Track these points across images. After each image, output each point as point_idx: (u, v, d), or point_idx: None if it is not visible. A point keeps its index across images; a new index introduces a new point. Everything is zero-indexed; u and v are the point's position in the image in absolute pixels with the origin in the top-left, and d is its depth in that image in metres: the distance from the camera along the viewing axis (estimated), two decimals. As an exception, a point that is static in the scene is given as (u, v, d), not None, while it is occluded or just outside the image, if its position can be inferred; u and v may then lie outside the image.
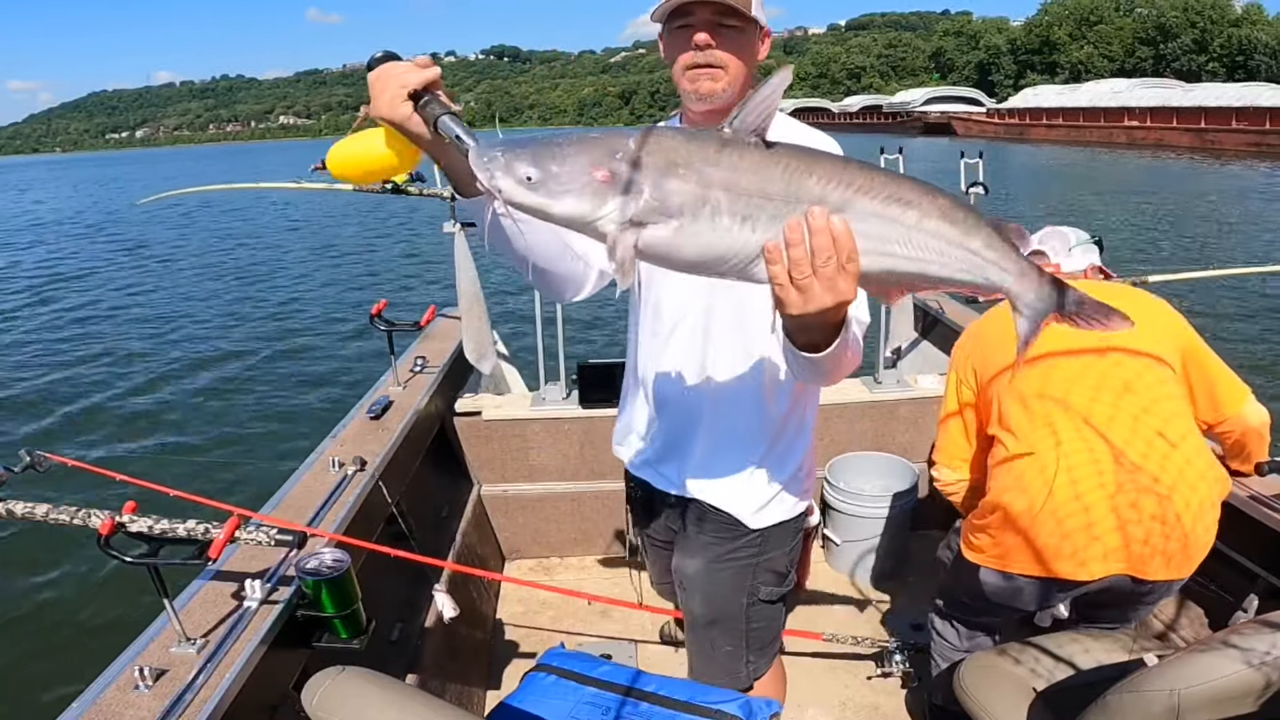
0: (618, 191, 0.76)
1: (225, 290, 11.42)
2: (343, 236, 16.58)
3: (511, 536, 2.92)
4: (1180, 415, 1.57)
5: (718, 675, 1.53)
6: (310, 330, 9.03)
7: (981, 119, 54.82)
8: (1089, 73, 66.47)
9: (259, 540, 1.39)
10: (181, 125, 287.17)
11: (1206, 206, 16.88)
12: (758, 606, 1.49)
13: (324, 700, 1.27)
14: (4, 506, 1.36)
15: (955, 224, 0.82)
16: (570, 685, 1.43)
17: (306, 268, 13.06)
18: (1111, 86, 48.14)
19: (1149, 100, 41.34)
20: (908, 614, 2.47)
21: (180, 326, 9.39)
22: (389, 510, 2.12)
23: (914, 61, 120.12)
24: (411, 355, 2.85)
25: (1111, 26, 72.62)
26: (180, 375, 7.50)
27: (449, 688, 2.03)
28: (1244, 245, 12.33)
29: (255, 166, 56.55)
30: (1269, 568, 1.76)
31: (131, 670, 1.26)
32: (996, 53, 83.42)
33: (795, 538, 1.50)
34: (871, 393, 2.90)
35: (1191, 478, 1.50)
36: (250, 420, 6.33)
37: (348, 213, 19.55)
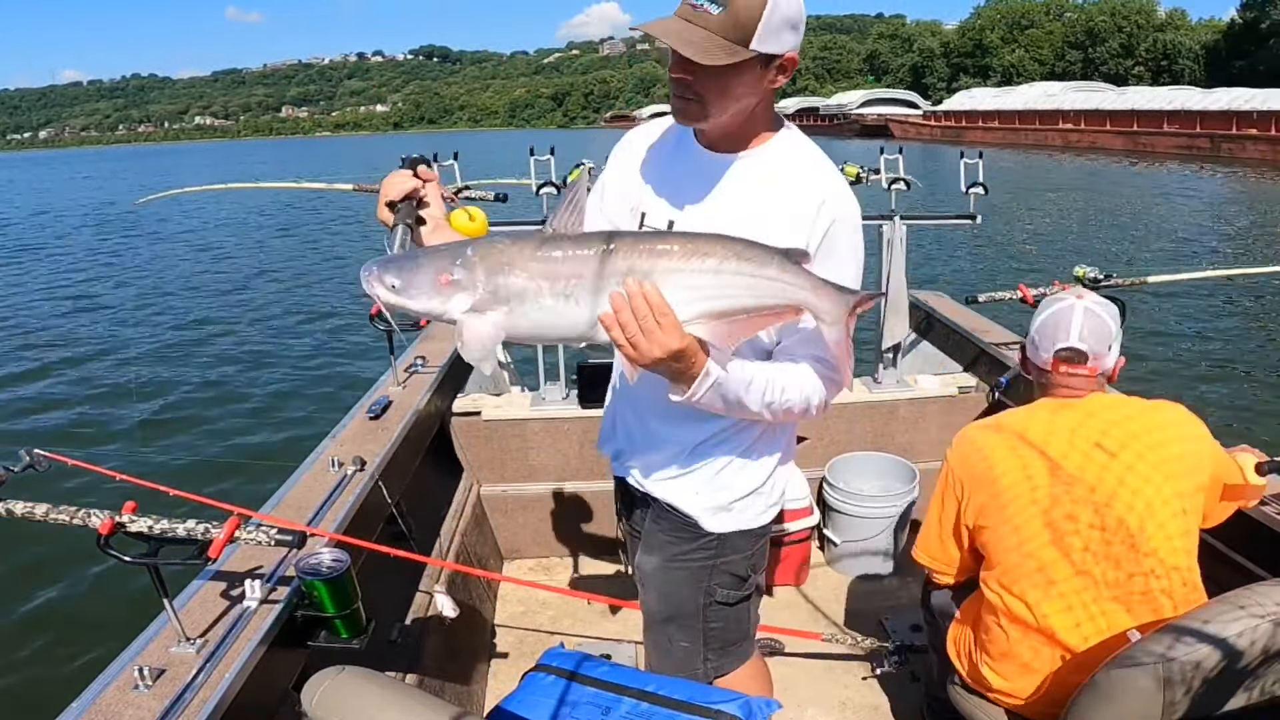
0: (458, 290, 1.01)
1: (225, 290, 11.42)
2: (342, 236, 16.58)
3: (511, 536, 2.92)
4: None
5: (673, 672, 1.53)
6: (309, 330, 9.03)
7: (918, 121, 55.24)
8: (1020, 76, 67.78)
9: (259, 540, 1.39)
10: (89, 126, 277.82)
11: (1139, 207, 17.17)
12: (715, 608, 1.48)
13: (324, 700, 1.27)
14: (3, 506, 1.36)
15: (750, 260, 1.02)
16: (570, 685, 1.43)
17: (305, 267, 13.05)
18: (1045, 89, 48.74)
19: (1082, 103, 41.98)
20: (907, 614, 2.48)
21: (179, 327, 9.39)
22: (388, 510, 2.12)
23: (849, 64, 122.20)
24: (411, 355, 2.85)
25: (1042, 30, 74.15)
26: (179, 375, 7.50)
27: (448, 687, 2.03)
28: (1185, 247, 12.50)
29: (168, 169, 55.06)
30: (1269, 567, 1.77)
31: (131, 670, 1.27)
32: (930, 55, 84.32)
33: (758, 543, 1.48)
34: (871, 393, 2.90)
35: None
36: (249, 420, 6.33)
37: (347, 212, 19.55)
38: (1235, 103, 32.47)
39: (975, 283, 9.55)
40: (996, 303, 2.94)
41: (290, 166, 47.75)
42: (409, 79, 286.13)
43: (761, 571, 1.53)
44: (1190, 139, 33.10)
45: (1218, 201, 18.81)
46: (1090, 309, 1.52)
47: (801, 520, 2.60)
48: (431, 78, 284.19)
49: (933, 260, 11.18)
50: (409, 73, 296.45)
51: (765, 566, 1.55)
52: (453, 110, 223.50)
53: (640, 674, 1.45)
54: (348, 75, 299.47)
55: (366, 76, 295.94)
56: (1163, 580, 1.42)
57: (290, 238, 16.74)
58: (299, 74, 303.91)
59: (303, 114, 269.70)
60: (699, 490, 1.40)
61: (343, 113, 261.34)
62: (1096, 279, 2.80)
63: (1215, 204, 18.34)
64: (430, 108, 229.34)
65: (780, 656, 2.40)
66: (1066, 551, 1.44)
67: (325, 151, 79.13)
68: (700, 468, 1.39)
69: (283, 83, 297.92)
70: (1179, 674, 1.17)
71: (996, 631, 1.54)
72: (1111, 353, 1.52)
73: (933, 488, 2.78)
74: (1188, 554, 1.44)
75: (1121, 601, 1.42)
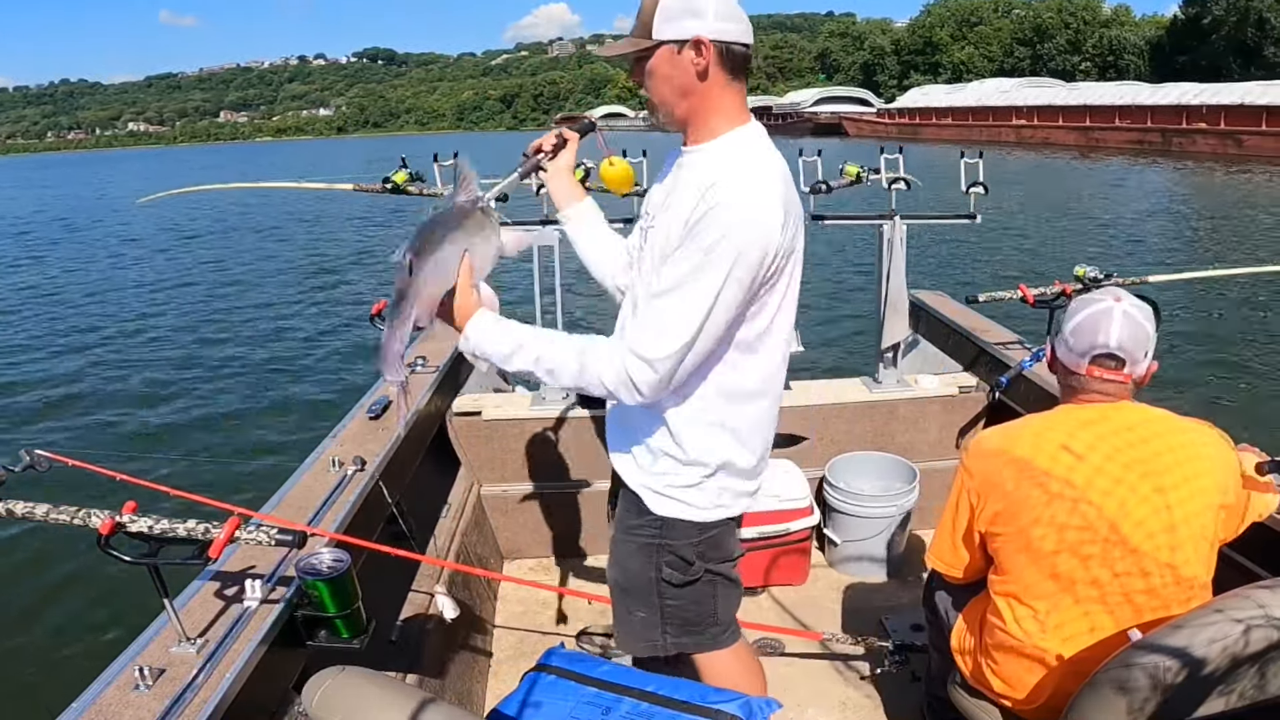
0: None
1: (225, 290, 11.42)
2: (343, 236, 16.58)
3: (511, 536, 2.92)
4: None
5: (635, 641, 1.60)
6: (310, 330, 9.04)
7: (873, 119, 55.20)
8: (970, 73, 68.28)
9: (259, 540, 1.39)
10: (15, 133, 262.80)
11: (1093, 203, 17.36)
12: (663, 585, 1.52)
13: (324, 700, 1.27)
14: (4, 506, 1.36)
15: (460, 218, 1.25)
16: (570, 685, 1.43)
17: (306, 267, 13.05)
18: (997, 85, 48.90)
19: (1035, 99, 42.11)
20: (907, 614, 2.48)
21: (180, 327, 9.39)
22: (389, 510, 2.12)
23: (800, 63, 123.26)
24: (411, 355, 2.85)
25: (991, 27, 74.93)
26: (180, 375, 7.51)
27: (449, 687, 2.03)
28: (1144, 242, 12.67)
29: (100, 176, 53.74)
30: (1269, 568, 1.77)
31: (131, 670, 1.26)
32: (881, 53, 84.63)
33: (706, 534, 1.49)
34: (871, 393, 2.90)
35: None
36: (250, 420, 6.33)
37: (347, 212, 19.54)
38: (1184, 97, 32.82)
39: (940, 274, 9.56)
40: (997, 302, 2.94)
41: (229, 172, 46.27)
42: (353, 82, 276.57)
43: (719, 563, 1.54)
44: (1142, 134, 33.39)
45: (1176, 198, 19.00)
46: (1129, 312, 1.46)
47: (801, 520, 2.60)
48: (376, 80, 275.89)
49: (917, 258, 11.19)
50: (352, 76, 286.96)
51: (728, 560, 1.56)
52: (399, 113, 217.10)
53: (641, 674, 1.45)
54: (289, 79, 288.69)
55: (308, 80, 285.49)
56: (1180, 598, 1.41)
57: (291, 238, 16.74)
58: (237, 78, 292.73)
59: (242, 119, 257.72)
60: (642, 469, 1.48)
61: (284, 117, 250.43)
62: (1097, 278, 2.79)
63: (1174, 200, 18.54)
64: (375, 111, 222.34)
65: (780, 656, 2.40)
66: (1083, 566, 1.42)
67: (268, 157, 76.86)
68: (645, 450, 1.46)
69: (220, 87, 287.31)
70: (1179, 674, 1.17)
71: (1002, 636, 1.53)
72: (1146, 358, 1.47)
73: (933, 487, 2.80)
74: (1206, 574, 1.43)
75: (1134, 617, 1.42)
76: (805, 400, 2.88)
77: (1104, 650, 1.37)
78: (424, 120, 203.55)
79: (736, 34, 1.27)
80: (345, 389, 6.60)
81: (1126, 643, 1.30)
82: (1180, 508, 1.39)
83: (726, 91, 1.31)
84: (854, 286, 9.82)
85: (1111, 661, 1.25)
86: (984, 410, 2.90)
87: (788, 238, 1.28)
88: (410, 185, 2.99)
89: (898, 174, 2.84)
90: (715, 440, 1.42)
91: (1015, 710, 1.57)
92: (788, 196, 1.30)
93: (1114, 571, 1.41)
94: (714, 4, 1.25)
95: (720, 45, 1.26)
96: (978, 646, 1.63)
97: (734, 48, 1.28)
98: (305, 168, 43.82)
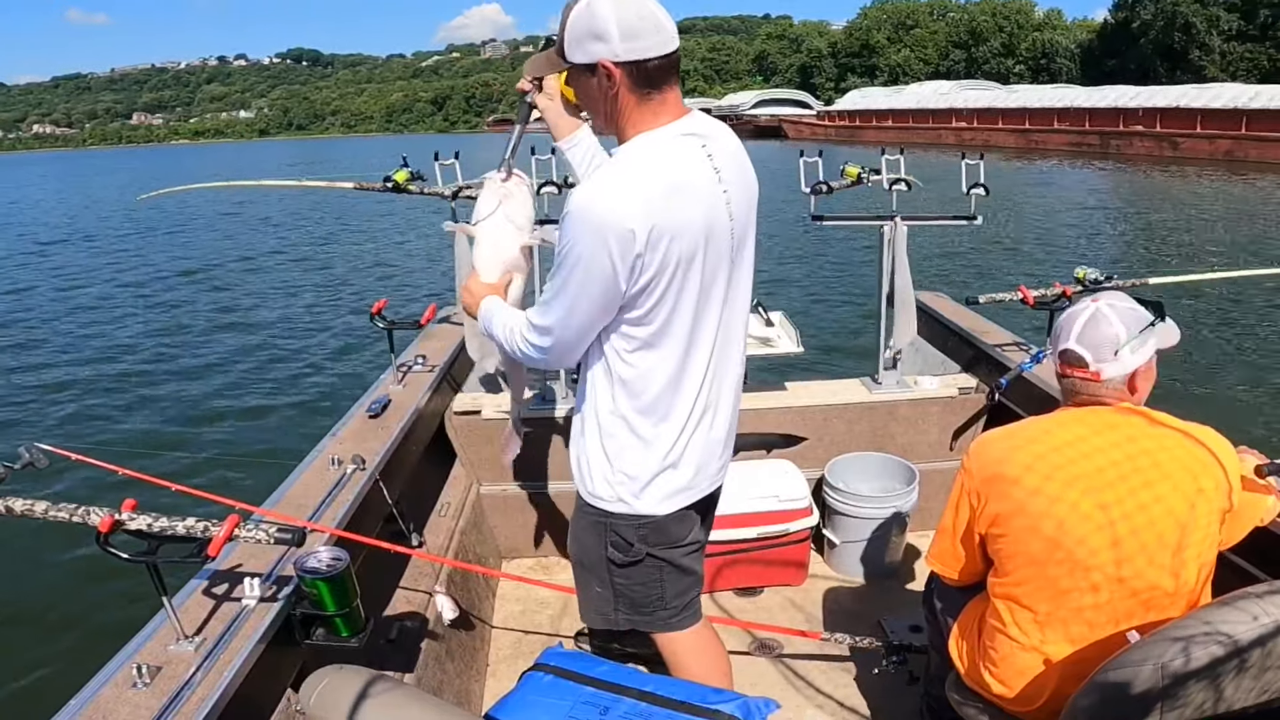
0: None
1: (226, 288, 11.42)
2: (343, 235, 16.58)
3: (510, 535, 2.92)
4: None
5: (592, 612, 1.70)
6: (310, 328, 9.04)
7: (812, 121, 55.24)
8: (907, 75, 69.17)
9: (258, 538, 1.39)
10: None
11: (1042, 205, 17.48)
12: (611, 565, 1.59)
13: (322, 698, 1.27)
14: (3, 504, 1.36)
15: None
16: (568, 685, 1.43)
17: (307, 266, 13.06)
18: (936, 88, 49.05)
19: (974, 101, 42.29)
20: (906, 614, 2.47)
21: (180, 325, 9.40)
22: (388, 509, 2.12)
23: (737, 65, 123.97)
24: (411, 354, 2.85)
25: (927, 31, 75.81)
26: (181, 374, 7.51)
27: (447, 686, 2.03)
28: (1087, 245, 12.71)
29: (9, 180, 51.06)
30: (1268, 570, 1.77)
31: (129, 667, 1.27)
32: (818, 56, 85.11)
33: (644, 522, 1.54)
34: (871, 393, 2.90)
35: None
36: (250, 418, 6.34)
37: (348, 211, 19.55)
38: (1121, 100, 33.16)
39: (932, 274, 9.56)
40: (997, 304, 2.94)
41: (143, 174, 44.97)
42: (276, 84, 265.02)
43: (664, 549, 1.58)
44: (1080, 136, 33.65)
45: (1121, 199, 19.24)
46: (1102, 311, 1.47)
47: (801, 520, 2.60)
48: (300, 82, 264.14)
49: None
50: (275, 77, 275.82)
51: (675, 546, 1.60)
52: (324, 115, 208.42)
53: (639, 674, 1.45)
54: (207, 80, 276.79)
55: (228, 81, 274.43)
56: (1178, 601, 1.41)
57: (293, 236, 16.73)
58: (152, 79, 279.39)
59: (157, 121, 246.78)
60: (581, 455, 1.57)
61: (202, 120, 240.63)
62: (1097, 280, 2.80)
63: (1123, 201, 18.73)
64: (300, 113, 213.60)
65: (779, 656, 2.40)
66: (1081, 568, 1.42)
67: (186, 160, 73.92)
68: (586, 434, 1.54)
69: (133, 88, 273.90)
70: (1178, 676, 1.17)
71: (1001, 638, 1.53)
72: (1119, 359, 1.46)
73: (932, 489, 2.80)
74: (1203, 580, 1.43)
75: (1133, 619, 1.41)
76: (804, 401, 2.88)
77: (1102, 652, 1.36)
78: (351, 123, 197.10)
79: (645, 49, 1.27)
80: (345, 387, 6.61)
81: (1125, 645, 1.30)
82: (1178, 512, 1.39)
83: (643, 108, 1.32)
84: (854, 287, 9.82)
85: (1110, 663, 1.25)
86: (984, 411, 2.90)
87: (653, 241, 1.27)
88: (411, 184, 2.99)
89: (898, 175, 2.84)
90: (630, 444, 1.48)
91: (1013, 712, 1.57)
92: (659, 205, 1.27)
93: (1113, 574, 1.41)
94: (618, 24, 1.24)
95: (628, 66, 1.27)
96: (976, 648, 1.63)
97: (647, 65, 1.27)
98: (227, 172, 43.13)
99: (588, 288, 1.31)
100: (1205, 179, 22.65)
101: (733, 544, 2.57)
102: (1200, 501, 1.40)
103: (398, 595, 2.07)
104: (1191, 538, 1.40)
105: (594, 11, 1.25)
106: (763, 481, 2.64)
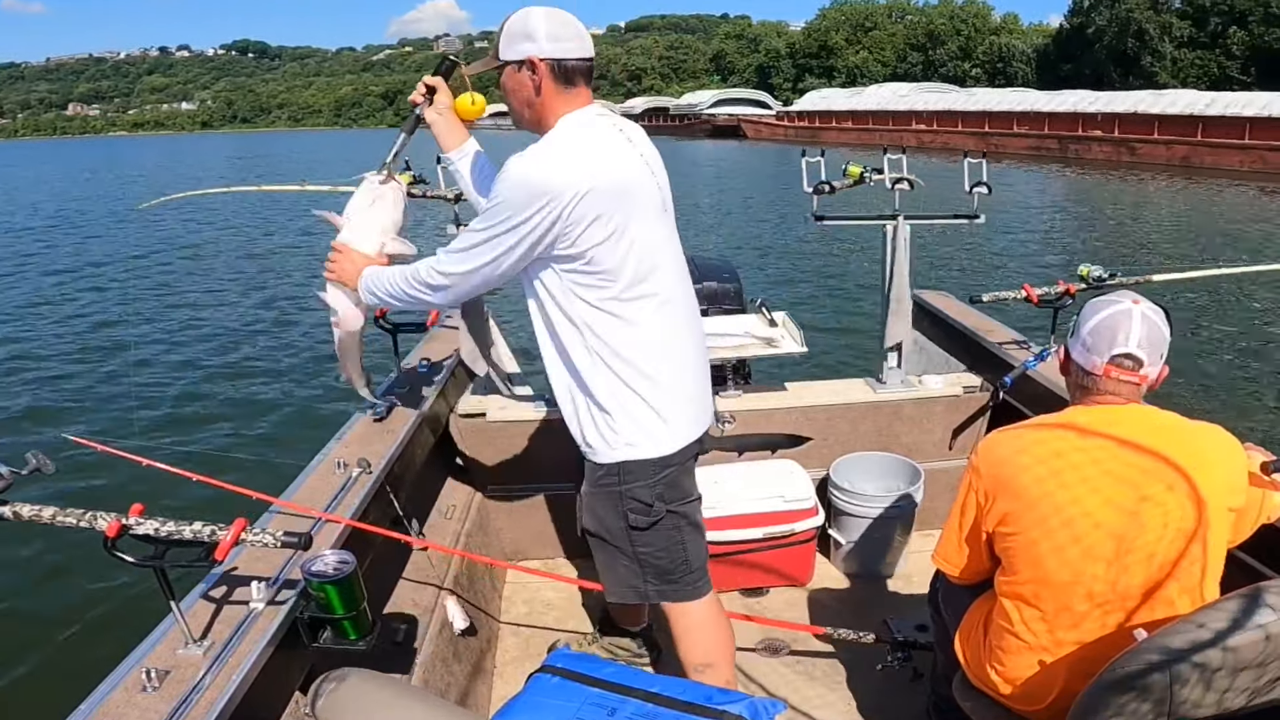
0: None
1: (228, 291, 11.43)
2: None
3: (516, 538, 2.92)
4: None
5: (620, 587, 1.78)
6: (314, 331, 9.04)
7: (771, 122, 54.89)
8: (864, 76, 69.03)
9: (265, 542, 1.39)
10: None
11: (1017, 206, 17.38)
12: (634, 533, 1.69)
13: (330, 701, 1.28)
14: (11, 509, 1.36)
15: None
16: (575, 686, 1.43)
17: (309, 268, 13.06)
18: (895, 90, 48.86)
19: (934, 104, 42.08)
20: (911, 613, 2.47)
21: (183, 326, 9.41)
22: (394, 512, 2.12)
23: (695, 64, 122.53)
24: (416, 356, 2.86)
25: (885, 33, 75.66)
26: (181, 372, 7.54)
27: (454, 688, 2.03)
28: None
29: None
30: (1276, 567, 1.76)
31: (138, 672, 1.27)
32: (776, 56, 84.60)
33: (660, 474, 1.66)
34: (875, 393, 2.90)
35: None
36: (254, 420, 6.35)
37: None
38: (1080, 105, 33.09)
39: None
40: (1001, 302, 2.93)
41: (75, 165, 43.85)
42: (220, 75, 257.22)
43: (679, 504, 1.71)
44: (1040, 140, 33.56)
45: (1086, 202, 19.26)
46: (1148, 314, 1.47)
47: (806, 520, 2.60)
48: (246, 74, 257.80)
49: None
50: (220, 69, 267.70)
51: (687, 499, 1.74)
52: (270, 109, 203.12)
53: (646, 675, 1.45)
54: (148, 71, 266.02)
55: (170, 72, 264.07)
56: (1186, 599, 1.41)
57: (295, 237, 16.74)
58: (90, 69, 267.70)
59: (94, 112, 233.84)
60: (584, 425, 1.66)
61: (141, 111, 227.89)
62: (1101, 277, 2.79)
63: (1092, 205, 18.71)
64: (245, 106, 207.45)
65: (784, 655, 2.40)
66: (1089, 566, 1.42)
67: (126, 151, 72.33)
68: (579, 406, 1.65)
69: (70, 78, 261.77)
70: (1186, 673, 1.16)
71: (1008, 636, 1.53)
72: (1161, 360, 1.48)
73: (937, 488, 2.80)
74: (1214, 575, 1.43)
75: (1140, 617, 1.41)
76: (809, 401, 2.88)
77: (1110, 650, 1.36)
78: (298, 116, 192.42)
79: (567, 51, 1.53)
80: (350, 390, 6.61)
81: (1132, 643, 1.30)
82: (1187, 509, 1.38)
83: (561, 98, 1.56)
84: (857, 287, 9.81)
85: (1117, 661, 1.25)
86: (988, 410, 2.90)
87: (599, 199, 1.46)
88: (414, 188, 2.99)
89: (901, 174, 2.83)
90: (627, 397, 1.61)
91: (1019, 710, 1.57)
92: (597, 167, 1.48)
93: (1120, 572, 1.41)
94: (545, 28, 1.52)
95: (551, 62, 1.53)
96: (982, 646, 1.63)
97: (566, 63, 1.53)
98: (167, 163, 41.87)
99: (515, 248, 1.49)
100: (1163, 183, 22.80)
101: (738, 544, 2.57)
102: (1209, 500, 1.39)
103: (404, 597, 2.08)
104: (1201, 535, 1.39)
105: (526, 19, 1.53)
106: (768, 482, 2.64)
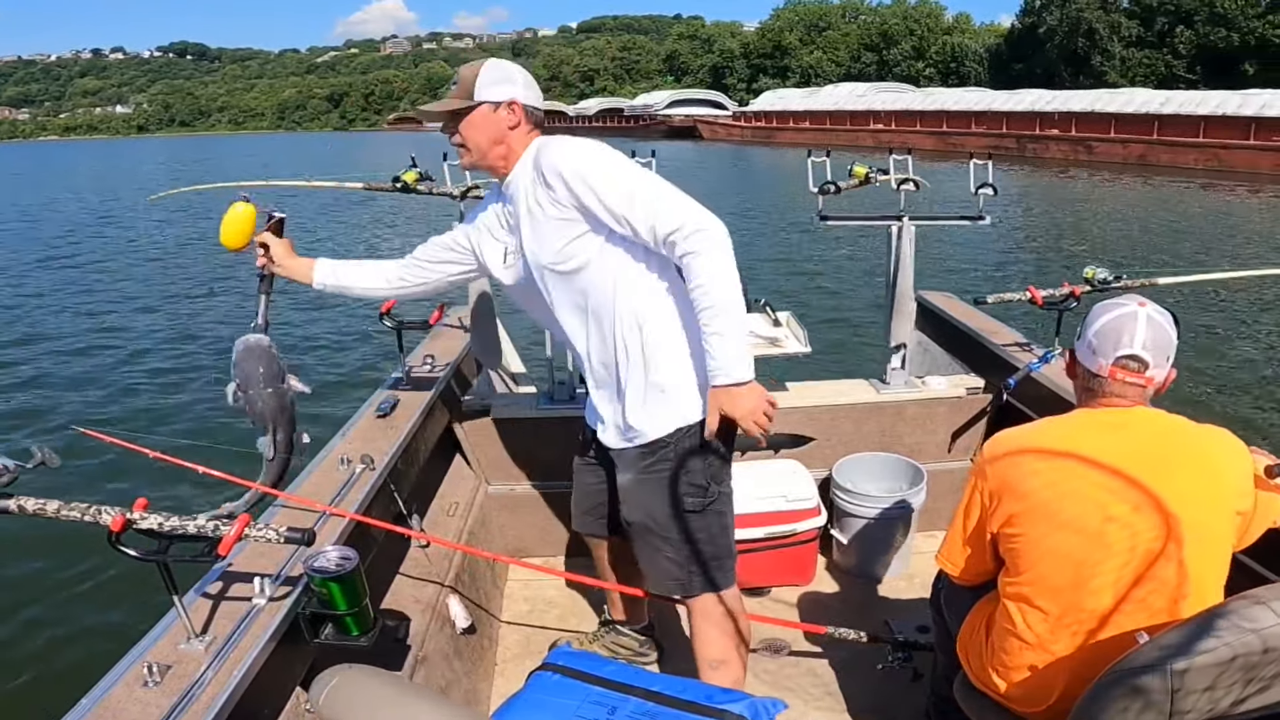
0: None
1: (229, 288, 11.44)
2: (351, 234, 16.62)
3: (518, 535, 2.92)
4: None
5: (664, 579, 1.82)
6: (319, 327, 9.06)
7: (728, 122, 54.98)
8: (819, 76, 69.24)
9: (268, 538, 1.39)
10: None
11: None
12: (689, 518, 1.74)
13: (331, 697, 1.28)
14: (15, 503, 1.37)
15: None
16: (576, 684, 1.43)
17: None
18: (852, 89, 48.99)
19: (891, 104, 42.18)
20: (913, 614, 2.47)
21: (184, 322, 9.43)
22: (396, 508, 2.13)
23: (648, 64, 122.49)
24: (420, 353, 2.86)
25: (839, 33, 76.02)
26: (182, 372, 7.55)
27: (455, 686, 2.03)
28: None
29: None
30: (1277, 570, 1.76)
31: (140, 666, 1.27)
32: (730, 56, 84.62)
33: (710, 452, 1.74)
34: (879, 394, 2.89)
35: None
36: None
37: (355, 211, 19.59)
38: (1037, 104, 33.30)
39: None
40: (1005, 304, 2.93)
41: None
42: (156, 78, 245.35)
43: (724, 484, 1.79)
44: (998, 139, 33.63)
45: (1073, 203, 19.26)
46: (1153, 317, 1.47)
47: (808, 520, 2.60)
48: (184, 76, 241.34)
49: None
50: (156, 72, 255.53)
51: (728, 481, 1.81)
52: (210, 112, 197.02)
53: (646, 674, 1.45)
54: (80, 73, 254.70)
55: (104, 75, 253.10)
56: (1189, 602, 1.40)
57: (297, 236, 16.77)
58: (18, 71, 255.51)
59: (23, 116, 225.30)
60: (629, 409, 1.72)
61: (74, 115, 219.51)
62: (1106, 280, 2.78)
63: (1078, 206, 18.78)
64: (183, 109, 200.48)
65: (786, 655, 2.40)
66: (1093, 569, 1.42)
67: (54, 158, 70.20)
68: (633, 385, 1.71)
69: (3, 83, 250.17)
70: (1186, 677, 1.16)
71: (1011, 637, 1.53)
72: (1168, 363, 1.48)
73: (940, 489, 2.79)
74: (1217, 578, 1.42)
75: (1143, 619, 1.41)
76: (812, 401, 2.87)
77: (1112, 652, 1.36)
78: (240, 119, 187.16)
79: (535, 100, 1.75)
80: (354, 387, 6.62)
81: (1134, 645, 1.29)
82: (1193, 513, 1.38)
83: (527, 138, 1.73)
84: (861, 287, 9.79)
85: (1119, 663, 1.25)
86: (992, 412, 2.89)
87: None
88: (420, 184, 2.99)
89: (906, 175, 2.83)
90: (676, 362, 1.71)
91: (1021, 712, 1.57)
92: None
93: (1125, 574, 1.41)
94: (521, 77, 1.74)
95: (526, 107, 1.72)
96: (985, 647, 1.62)
97: (533, 110, 1.73)
98: (101, 169, 41.27)
99: (646, 171, 1.69)
100: (1119, 182, 23.01)
101: (740, 543, 2.55)
102: (1215, 503, 1.39)
103: (406, 594, 2.08)
104: (1205, 539, 1.39)
105: (502, 66, 1.74)
106: (770, 481, 2.64)
